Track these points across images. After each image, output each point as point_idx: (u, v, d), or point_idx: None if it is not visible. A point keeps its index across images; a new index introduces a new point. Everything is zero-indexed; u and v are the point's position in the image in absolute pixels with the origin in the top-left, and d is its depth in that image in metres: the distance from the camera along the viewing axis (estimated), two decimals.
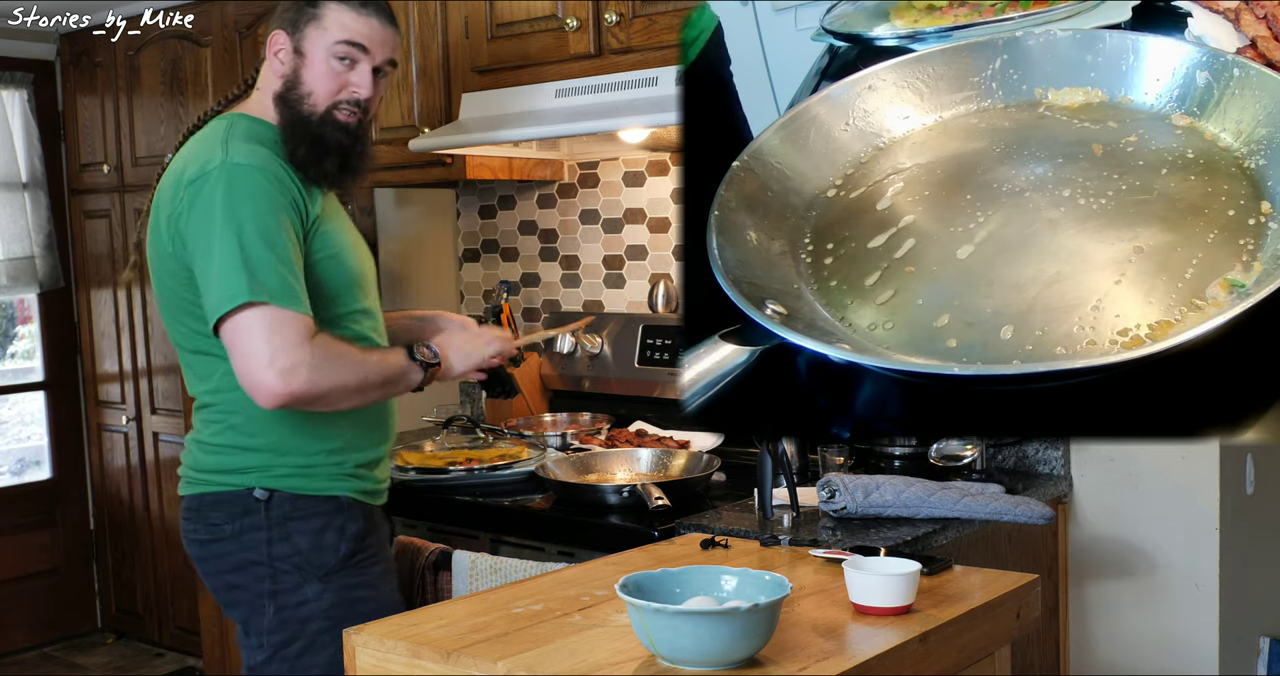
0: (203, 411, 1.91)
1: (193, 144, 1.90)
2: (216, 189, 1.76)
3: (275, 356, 1.71)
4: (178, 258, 1.82)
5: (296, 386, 1.72)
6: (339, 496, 1.89)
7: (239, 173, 1.77)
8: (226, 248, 1.74)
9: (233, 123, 1.89)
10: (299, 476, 1.87)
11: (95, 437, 4.47)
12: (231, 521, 1.86)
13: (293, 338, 1.73)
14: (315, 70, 1.90)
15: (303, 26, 1.90)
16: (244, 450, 1.86)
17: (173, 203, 1.82)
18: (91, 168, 4.32)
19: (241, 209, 1.75)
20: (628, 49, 2.49)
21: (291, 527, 1.85)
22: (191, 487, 1.91)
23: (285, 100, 1.91)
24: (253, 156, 1.80)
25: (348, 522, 1.89)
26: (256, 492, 1.85)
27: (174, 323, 1.90)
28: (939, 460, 2.32)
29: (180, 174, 1.83)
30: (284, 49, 1.92)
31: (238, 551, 1.86)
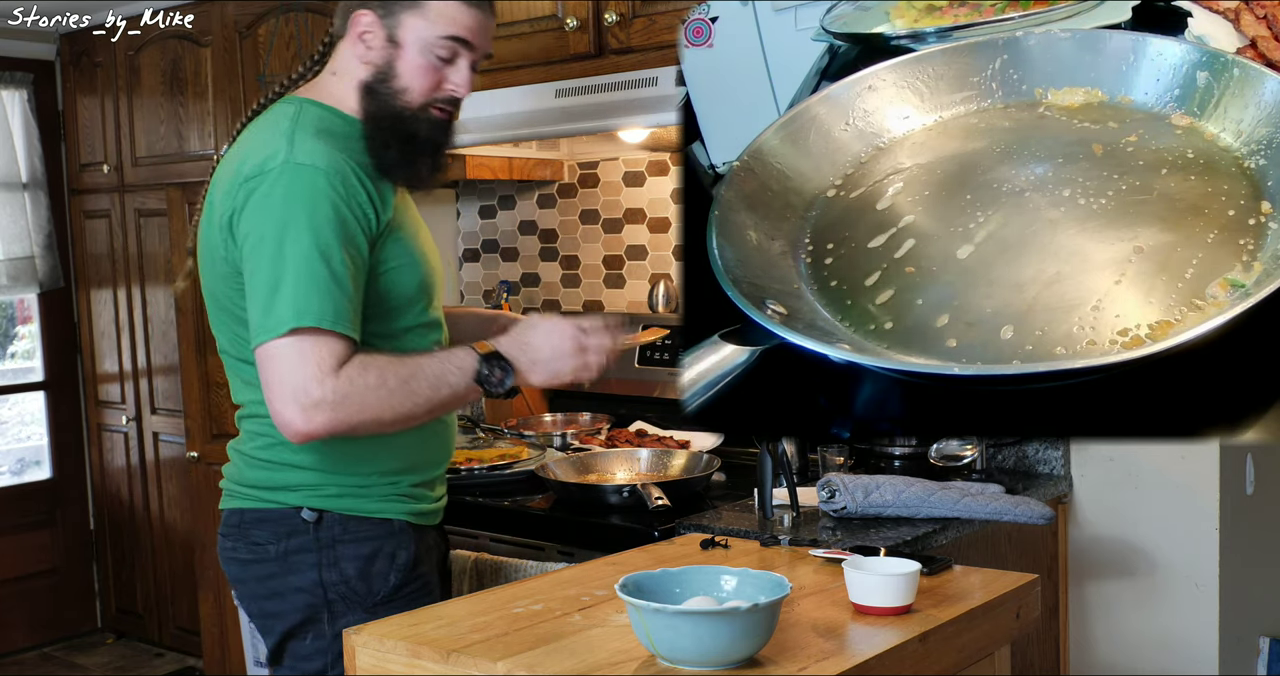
0: (248, 421, 1.76)
1: (255, 131, 1.71)
2: (275, 191, 1.59)
3: (297, 392, 1.56)
4: (229, 260, 1.66)
5: (317, 425, 1.57)
6: (391, 519, 1.74)
7: (301, 174, 1.59)
8: (289, 259, 1.57)
9: (301, 110, 1.69)
10: (350, 496, 1.72)
11: (95, 437, 4.47)
12: (277, 542, 1.71)
13: (314, 371, 1.56)
14: (412, 64, 1.70)
15: (398, 10, 1.69)
16: (292, 466, 1.71)
17: (229, 199, 1.64)
18: (91, 168, 4.32)
19: (299, 217, 1.58)
20: (628, 49, 2.49)
21: (340, 552, 1.70)
22: (233, 501, 1.77)
23: (374, 92, 1.71)
24: (318, 155, 1.61)
25: (399, 549, 1.74)
26: (304, 513, 1.70)
27: (221, 327, 1.74)
28: (939, 460, 2.32)
29: (239, 167, 1.64)
30: (373, 33, 1.70)
31: (281, 574, 1.71)
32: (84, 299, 4.45)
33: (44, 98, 4.35)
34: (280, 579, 1.72)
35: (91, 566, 4.53)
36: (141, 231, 4.20)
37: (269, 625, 1.75)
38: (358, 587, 1.72)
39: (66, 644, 4.43)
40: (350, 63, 1.73)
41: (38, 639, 4.39)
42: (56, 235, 4.37)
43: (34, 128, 4.29)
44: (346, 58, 1.74)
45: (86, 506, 4.52)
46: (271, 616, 1.74)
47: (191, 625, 4.07)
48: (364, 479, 1.72)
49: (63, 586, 4.46)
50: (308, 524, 1.70)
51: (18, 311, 4.55)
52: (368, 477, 1.72)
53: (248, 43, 3.70)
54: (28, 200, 4.29)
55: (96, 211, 4.34)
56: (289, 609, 1.72)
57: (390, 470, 1.75)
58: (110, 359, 4.37)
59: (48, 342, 4.46)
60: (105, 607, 4.53)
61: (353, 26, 1.72)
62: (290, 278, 1.57)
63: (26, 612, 4.35)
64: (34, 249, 4.30)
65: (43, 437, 4.48)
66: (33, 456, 4.52)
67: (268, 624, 1.76)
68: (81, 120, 4.34)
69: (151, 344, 4.20)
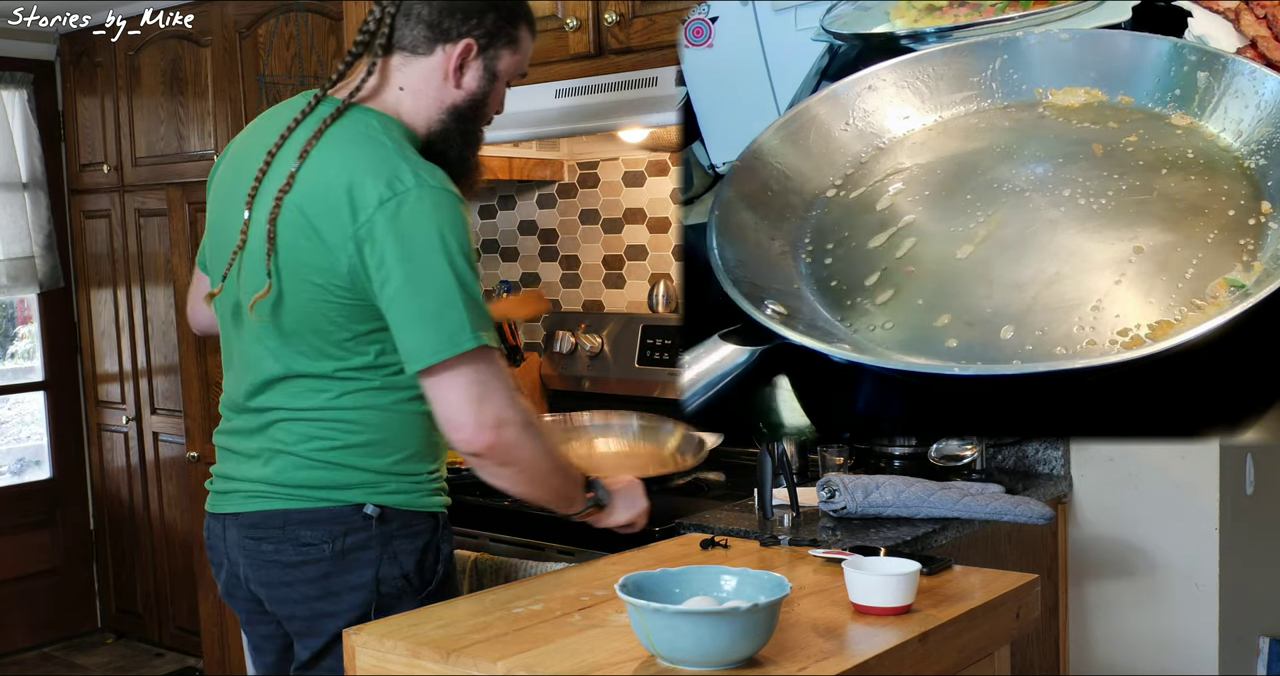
0: (297, 424, 1.72)
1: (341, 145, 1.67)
2: (420, 214, 1.60)
3: (496, 409, 1.62)
4: (351, 278, 1.63)
5: (503, 443, 1.63)
6: (437, 513, 1.79)
7: (440, 197, 1.62)
8: (443, 283, 1.61)
9: (385, 125, 1.70)
10: (405, 492, 1.74)
11: (95, 437, 4.47)
12: (332, 541, 1.70)
13: (508, 393, 1.64)
14: (499, 94, 1.81)
15: (499, 46, 1.76)
16: (353, 469, 1.71)
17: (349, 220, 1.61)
18: (91, 168, 4.32)
19: (451, 239, 1.62)
20: (628, 49, 2.49)
21: (398, 547, 1.72)
22: (268, 502, 1.73)
23: (463, 117, 1.77)
24: (439, 176, 1.65)
25: (442, 542, 1.78)
26: (368, 509, 1.70)
27: (287, 345, 1.71)
28: (939, 460, 2.32)
29: (349, 187, 1.61)
30: (476, 64, 1.76)
31: (337, 573, 1.70)
32: (84, 299, 4.45)
33: (44, 98, 4.35)
34: (336, 578, 1.72)
35: (91, 566, 4.53)
36: (141, 231, 4.21)
37: (320, 625, 1.73)
38: (414, 581, 1.74)
39: (66, 644, 4.43)
40: (434, 83, 1.75)
41: (38, 639, 4.39)
42: (56, 235, 4.37)
43: (34, 128, 4.29)
44: (430, 78, 1.75)
45: (86, 506, 4.52)
46: (326, 616, 1.72)
47: (191, 625, 4.07)
48: (416, 476, 1.76)
49: (63, 586, 4.46)
50: (369, 520, 1.71)
51: (18, 311, 4.55)
52: (419, 474, 1.76)
53: (248, 43, 3.70)
54: (28, 200, 4.29)
55: (96, 211, 4.35)
56: (345, 607, 1.71)
57: (433, 467, 1.80)
58: (110, 359, 4.37)
59: (48, 343, 4.46)
60: (105, 607, 4.53)
61: (453, 53, 1.74)
62: (457, 297, 1.62)
63: (26, 612, 4.35)
64: (34, 249, 4.30)
65: (43, 437, 4.48)
66: (33, 456, 4.52)
67: (318, 624, 1.73)
68: (81, 120, 4.34)
69: (151, 344, 4.20)
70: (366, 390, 1.70)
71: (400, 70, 1.75)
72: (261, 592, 1.76)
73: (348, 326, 1.67)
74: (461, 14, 1.73)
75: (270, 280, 1.67)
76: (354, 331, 1.68)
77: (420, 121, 1.76)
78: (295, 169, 1.66)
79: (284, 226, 1.66)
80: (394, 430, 1.72)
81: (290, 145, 1.70)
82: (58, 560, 4.44)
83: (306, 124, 1.71)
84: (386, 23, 1.73)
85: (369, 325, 1.67)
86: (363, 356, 1.69)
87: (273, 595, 1.75)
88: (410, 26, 1.73)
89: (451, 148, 1.78)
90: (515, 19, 1.78)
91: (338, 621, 1.70)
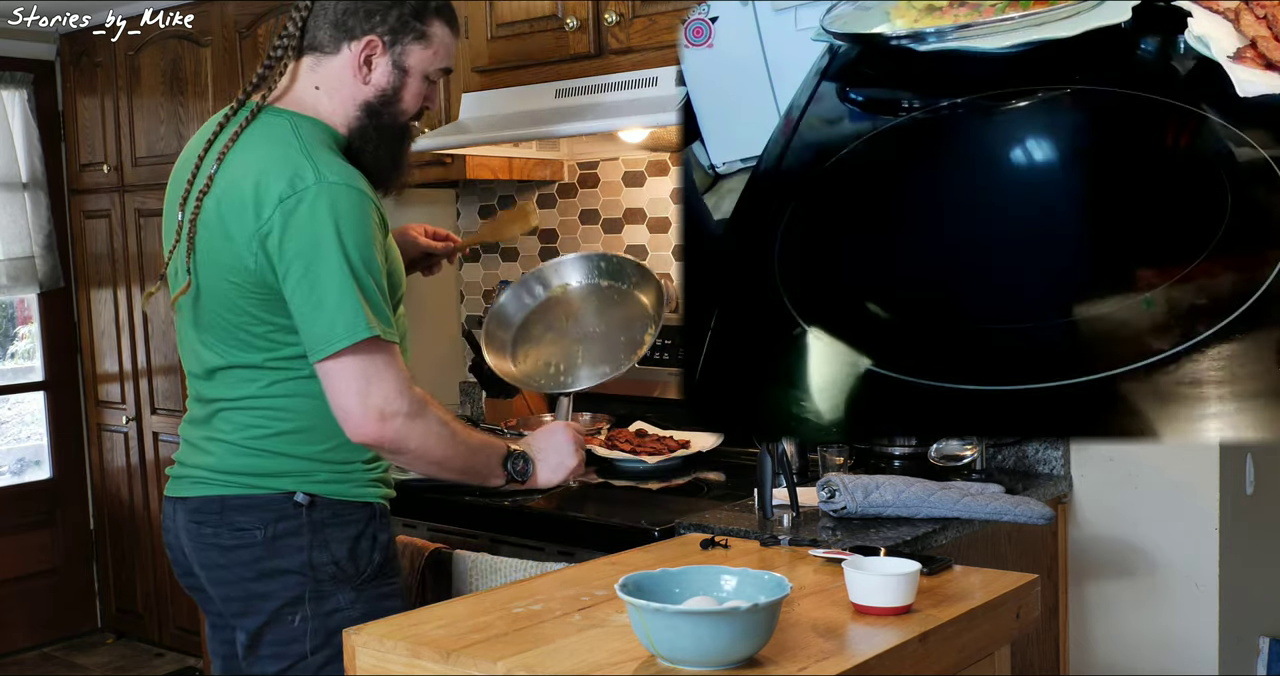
0: (237, 413, 1.81)
1: (255, 147, 1.76)
2: (318, 209, 1.67)
3: (385, 399, 1.69)
4: (259, 274, 1.71)
5: (389, 433, 1.70)
6: (373, 503, 1.85)
7: (338, 192, 1.69)
8: (339, 277, 1.67)
9: (295, 124, 1.78)
10: (339, 482, 1.81)
11: (95, 437, 4.47)
12: (264, 526, 1.78)
13: (398, 384, 1.71)
14: (413, 90, 1.85)
15: (406, 41, 1.82)
16: (285, 455, 1.80)
17: (257, 219, 1.70)
18: (91, 168, 4.32)
19: (348, 234, 1.68)
20: (628, 49, 2.49)
21: (329, 535, 1.79)
22: (208, 488, 1.82)
23: (376, 112, 1.84)
24: (344, 173, 1.72)
25: (379, 531, 1.84)
26: (298, 497, 1.78)
27: (217, 338, 1.80)
28: (939, 460, 2.32)
29: (261, 185, 1.70)
30: (382, 60, 1.82)
31: (268, 558, 1.78)
32: (84, 299, 4.45)
33: (44, 98, 4.35)
34: (268, 561, 1.79)
35: (91, 566, 4.53)
36: (141, 231, 4.21)
37: (255, 606, 1.81)
38: (346, 568, 1.80)
39: (66, 644, 4.43)
40: (345, 81, 1.83)
41: (38, 639, 4.39)
42: (56, 235, 4.37)
43: (34, 128, 4.29)
44: (340, 76, 1.83)
45: (86, 506, 4.52)
46: (259, 597, 1.80)
47: (191, 625, 4.07)
48: (350, 466, 1.82)
49: (63, 586, 4.46)
50: (300, 507, 1.78)
51: (18, 311, 4.55)
52: (352, 465, 1.82)
53: (248, 43, 3.70)
54: (28, 200, 4.29)
55: (96, 211, 4.35)
56: (278, 588, 1.79)
57: (371, 458, 1.85)
58: (110, 359, 4.37)
59: (48, 343, 4.46)
60: (105, 607, 4.53)
61: (358, 50, 1.81)
62: (346, 293, 1.67)
63: (26, 612, 4.35)
64: (34, 249, 4.30)
65: (43, 437, 4.48)
66: (33, 456, 4.52)
67: (253, 605, 1.81)
68: (81, 120, 4.34)
69: (151, 344, 4.20)
70: (296, 379, 1.77)
71: (313, 70, 1.84)
72: (202, 574, 1.85)
73: (268, 319, 1.75)
74: (365, 12, 1.81)
75: (190, 276, 1.77)
76: (275, 324, 1.75)
77: (339, 118, 1.84)
78: (213, 172, 1.77)
79: (202, 227, 1.77)
80: (324, 417, 1.76)
81: (212, 151, 1.79)
82: (58, 560, 4.44)
83: (228, 129, 1.80)
84: (300, 25, 1.82)
85: (289, 318, 1.73)
86: (291, 347, 1.76)
87: (211, 576, 1.84)
88: (319, 27, 1.82)
89: (368, 143, 1.84)
90: (423, 14, 1.83)
91: (271, 602, 1.79)
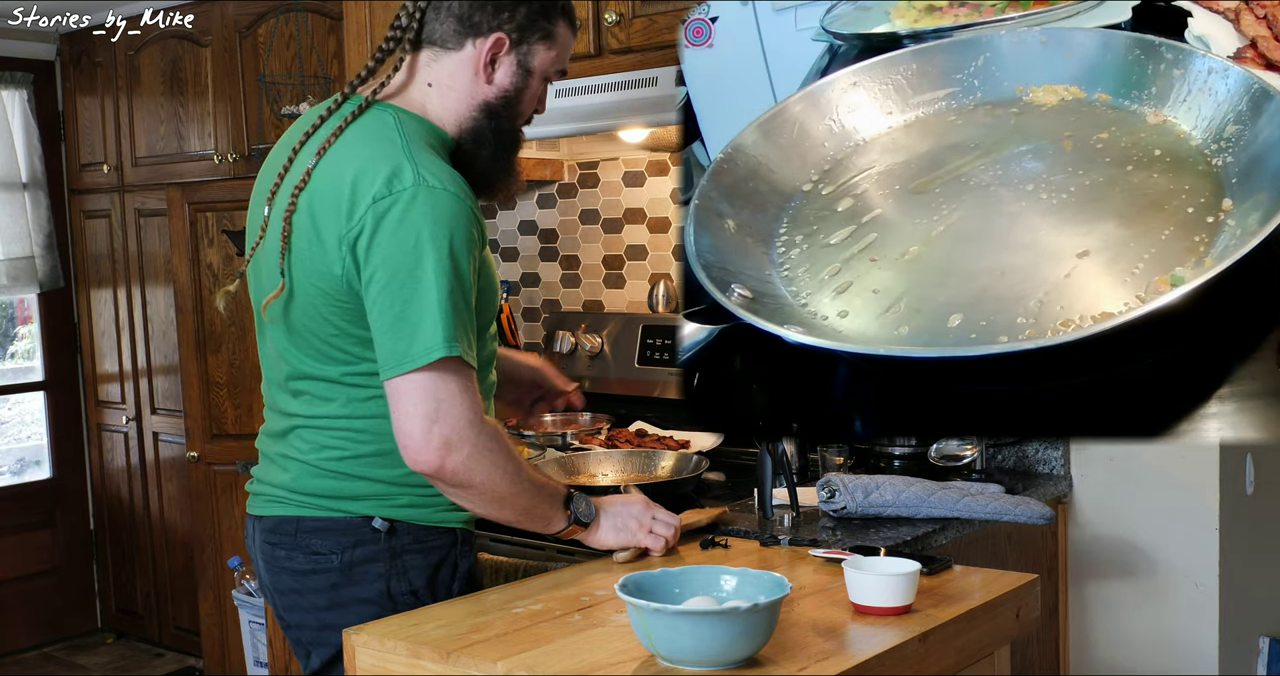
0: (313, 432, 1.70)
1: (356, 143, 1.64)
2: (413, 215, 1.54)
3: (451, 426, 1.55)
4: (347, 280, 1.59)
5: (451, 465, 1.55)
6: (455, 528, 1.73)
7: (437, 198, 1.56)
8: (424, 289, 1.54)
9: (401, 121, 1.66)
10: (419, 506, 1.69)
11: (95, 437, 4.47)
12: (341, 552, 1.67)
13: (471, 414, 1.56)
14: (534, 91, 1.74)
15: (532, 40, 1.70)
16: (365, 479, 1.68)
17: (344, 220, 1.58)
18: (91, 168, 4.32)
19: (442, 244, 1.54)
20: (628, 49, 2.49)
21: (408, 562, 1.68)
22: (285, 509, 1.71)
23: (496, 114, 1.72)
24: (445, 176, 1.58)
25: (460, 559, 1.74)
26: (376, 522, 1.66)
27: (299, 347, 1.68)
28: (939, 460, 2.32)
29: (351, 186, 1.58)
30: (508, 59, 1.70)
31: (344, 585, 1.67)
32: (84, 299, 4.45)
33: (44, 98, 4.35)
34: (344, 589, 1.69)
35: (91, 566, 4.53)
36: (141, 231, 4.21)
37: (327, 637, 1.70)
38: (424, 598, 1.69)
39: (66, 644, 4.43)
40: (464, 79, 1.70)
41: (38, 639, 4.39)
42: (56, 235, 4.37)
43: (34, 128, 4.29)
44: (459, 73, 1.70)
45: (86, 506, 4.52)
46: (332, 628, 1.66)
47: (191, 625, 4.07)
48: (431, 489, 1.67)
49: (63, 586, 4.46)
50: (378, 533, 1.68)
51: (18, 311, 4.55)
52: (433, 488, 1.67)
53: (248, 43, 3.70)
54: (28, 200, 4.29)
55: (96, 211, 4.35)
56: (352, 619, 1.63)
57: None
58: (110, 359, 4.37)
59: (48, 343, 4.46)
60: (105, 607, 4.53)
61: (484, 48, 1.69)
62: (435, 305, 1.54)
63: (26, 612, 4.35)
64: (34, 249, 4.30)
65: (43, 437, 4.48)
66: (33, 456, 4.52)
67: (325, 635, 1.71)
68: (81, 120, 4.34)
69: (151, 344, 4.20)
70: (376, 398, 1.64)
71: (429, 66, 1.71)
72: (275, 598, 1.75)
73: (350, 331, 1.63)
74: (493, 8, 1.68)
75: (284, 279, 1.65)
76: (356, 336, 1.63)
77: (450, 118, 1.71)
78: (311, 166, 1.64)
79: (296, 226, 1.64)
80: None
81: (311, 143, 1.68)
82: (58, 560, 4.44)
83: (329, 122, 1.68)
84: (416, 17, 1.69)
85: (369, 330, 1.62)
86: (370, 362, 1.62)
87: (284, 601, 1.74)
88: (440, 21, 1.69)
89: (484, 146, 1.72)
90: (550, 13, 1.72)
91: None
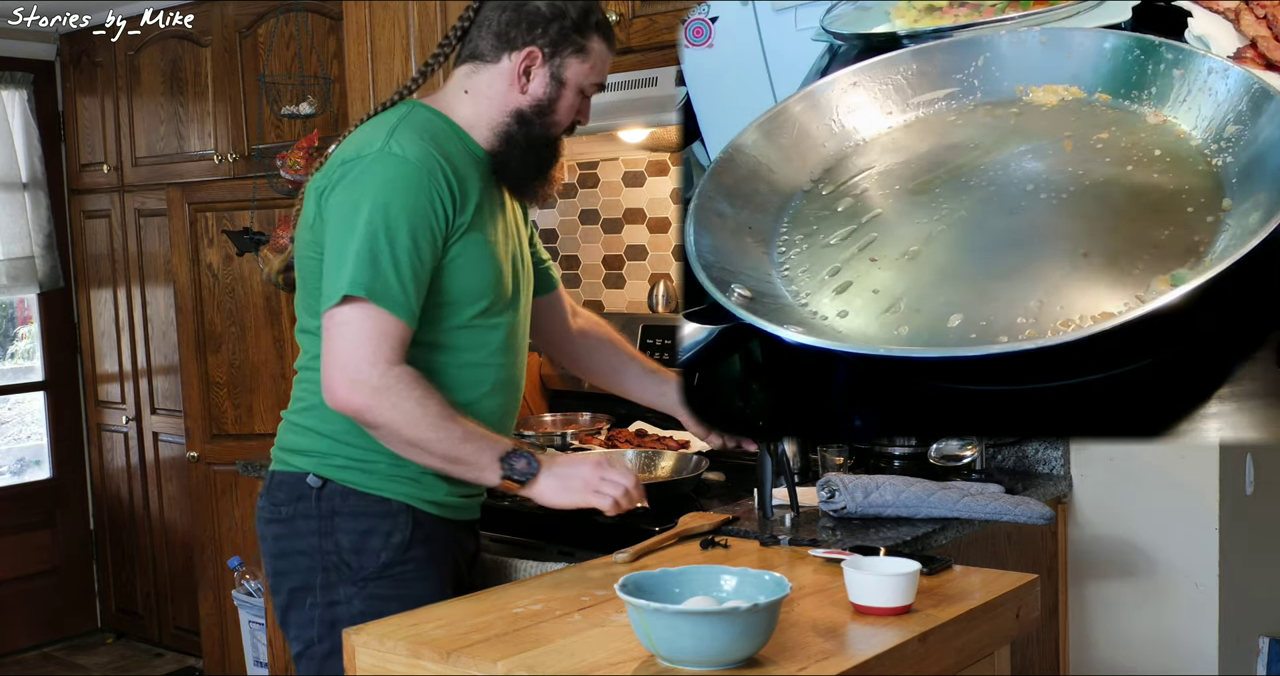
0: (296, 385, 1.88)
1: (365, 126, 1.83)
2: (365, 174, 1.71)
3: (349, 365, 1.67)
4: (314, 231, 1.77)
5: (356, 402, 1.67)
6: (390, 499, 1.79)
7: (393, 163, 1.71)
8: (359, 235, 1.68)
9: (411, 111, 1.82)
10: (354, 469, 1.79)
11: (95, 437, 4.47)
12: (288, 504, 1.81)
13: (369, 353, 1.67)
14: (568, 103, 1.85)
15: (565, 54, 1.83)
16: (312, 432, 1.81)
17: (325, 178, 1.77)
18: (91, 168, 4.32)
19: (379, 199, 1.69)
20: (628, 49, 2.49)
21: (337, 523, 1.78)
22: (272, 464, 1.88)
23: (528, 121, 1.84)
24: (412, 149, 1.73)
25: (394, 530, 1.79)
26: (310, 479, 1.79)
27: (302, 298, 1.85)
28: (939, 460, 2.32)
29: (340, 153, 1.79)
30: (541, 71, 1.83)
31: (288, 537, 1.81)
32: (84, 299, 4.45)
33: (44, 98, 4.35)
34: (288, 540, 1.82)
35: (91, 566, 4.54)
36: (141, 231, 4.21)
37: (278, 583, 1.85)
38: (349, 559, 1.78)
39: (66, 644, 4.43)
40: (499, 89, 1.84)
41: (38, 639, 4.39)
42: (56, 235, 4.37)
43: (34, 128, 4.29)
44: (495, 84, 1.84)
45: (86, 506, 4.52)
46: (280, 575, 1.84)
47: (191, 625, 4.07)
48: (371, 455, 1.78)
49: (63, 586, 4.46)
50: (312, 489, 1.79)
51: (18, 311, 4.55)
52: (374, 455, 1.78)
53: (248, 43, 3.71)
54: (28, 200, 4.29)
55: (96, 211, 4.35)
56: (293, 569, 1.82)
57: None
58: (110, 359, 4.37)
59: (48, 343, 4.46)
60: (105, 607, 4.53)
61: (518, 60, 1.83)
62: (354, 251, 1.68)
63: (26, 612, 4.35)
64: (34, 249, 4.30)
65: (43, 437, 4.48)
66: (33, 456, 4.53)
67: (277, 582, 1.85)
68: (81, 120, 4.34)
69: (151, 344, 4.20)
70: None
71: (470, 77, 1.86)
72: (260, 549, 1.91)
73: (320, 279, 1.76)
74: (528, 23, 1.82)
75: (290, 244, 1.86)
76: None
77: (482, 123, 1.84)
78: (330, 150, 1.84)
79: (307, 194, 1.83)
80: None
81: None
82: (58, 560, 4.44)
83: None
84: (458, 35, 1.87)
85: None
86: None
87: (261, 546, 1.89)
88: (482, 36, 1.85)
89: (514, 148, 1.84)
90: (584, 29, 1.84)
91: (288, 581, 1.82)
